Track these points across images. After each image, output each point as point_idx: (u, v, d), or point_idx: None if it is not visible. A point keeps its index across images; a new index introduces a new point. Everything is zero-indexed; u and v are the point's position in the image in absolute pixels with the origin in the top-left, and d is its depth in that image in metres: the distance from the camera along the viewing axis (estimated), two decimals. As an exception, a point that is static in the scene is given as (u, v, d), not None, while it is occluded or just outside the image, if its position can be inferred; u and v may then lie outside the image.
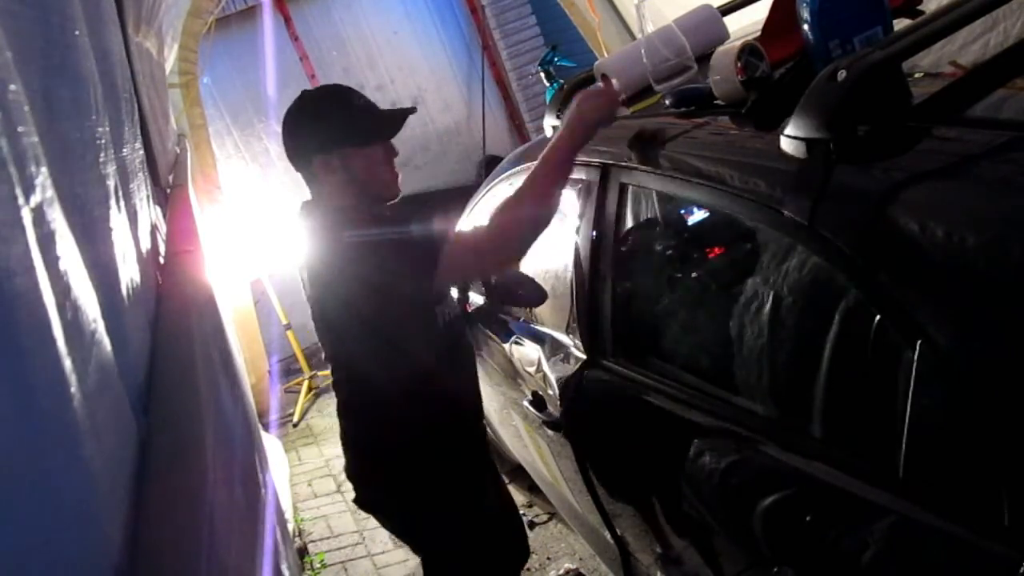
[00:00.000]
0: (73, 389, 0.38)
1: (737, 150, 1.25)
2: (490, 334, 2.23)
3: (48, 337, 0.37)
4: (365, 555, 2.94)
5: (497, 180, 2.18)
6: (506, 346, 2.08)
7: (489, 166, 5.11)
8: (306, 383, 4.59)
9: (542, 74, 2.61)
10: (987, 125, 0.97)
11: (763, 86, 1.27)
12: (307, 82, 5.75)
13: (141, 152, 1.18)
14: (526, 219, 1.44)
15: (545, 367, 1.80)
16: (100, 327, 0.49)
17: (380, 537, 2.99)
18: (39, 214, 0.41)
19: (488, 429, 2.72)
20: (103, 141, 0.71)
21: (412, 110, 1.65)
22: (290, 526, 2.99)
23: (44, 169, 0.45)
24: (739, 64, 1.27)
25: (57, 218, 0.45)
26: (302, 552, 3.00)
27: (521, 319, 2.03)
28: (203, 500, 0.46)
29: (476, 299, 2.36)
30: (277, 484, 1.75)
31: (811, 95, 1.01)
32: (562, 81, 2.23)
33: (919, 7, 1.37)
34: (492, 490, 1.84)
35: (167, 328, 0.80)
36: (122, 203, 0.76)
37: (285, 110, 1.61)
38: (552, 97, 1.92)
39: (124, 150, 0.91)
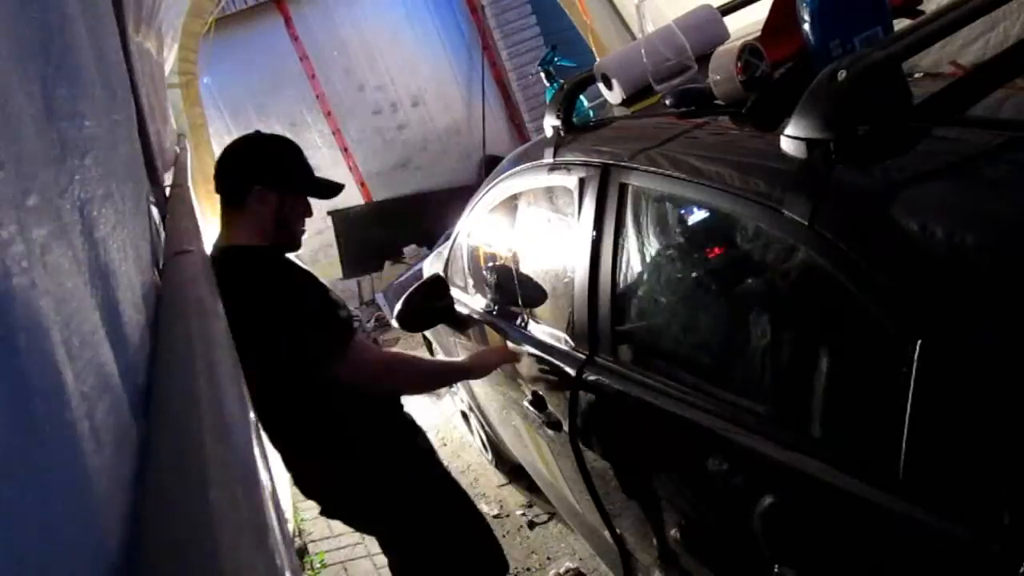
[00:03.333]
0: (73, 389, 0.38)
1: (737, 150, 1.25)
2: (491, 334, 2.23)
3: (47, 337, 0.37)
4: (365, 555, 2.94)
5: (497, 180, 2.18)
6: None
7: (489, 166, 5.11)
8: (306, 383, 4.57)
9: (542, 74, 2.61)
10: (987, 125, 0.97)
11: (763, 86, 1.27)
12: (307, 82, 5.75)
13: (140, 152, 1.17)
14: (409, 385, 1.98)
15: (545, 367, 1.80)
16: (100, 327, 0.49)
17: (380, 537, 2.99)
18: (39, 214, 0.41)
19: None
20: (102, 141, 0.71)
21: (341, 187, 1.89)
22: (290, 526, 2.99)
23: (43, 169, 0.45)
24: (739, 64, 1.27)
25: (57, 218, 0.45)
26: (302, 552, 3.00)
27: (521, 319, 2.03)
28: (203, 500, 0.46)
29: (467, 300, 2.37)
30: (277, 484, 1.76)
31: (811, 95, 1.01)
32: (562, 81, 2.23)
33: (919, 7, 1.37)
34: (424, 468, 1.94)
35: (167, 328, 0.80)
36: (121, 203, 0.76)
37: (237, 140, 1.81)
38: (552, 97, 1.92)
39: (123, 149, 0.91)
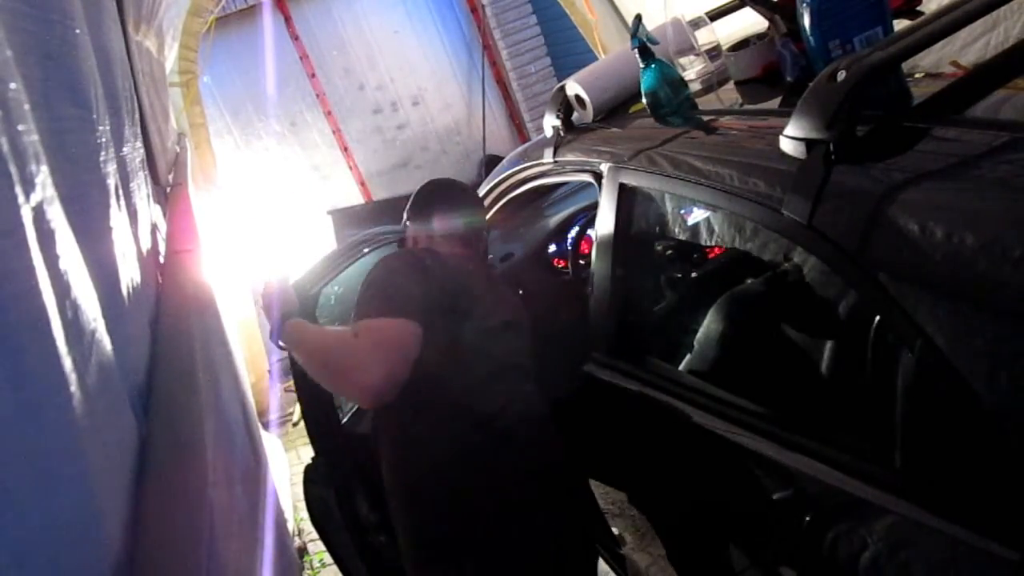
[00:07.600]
0: (73, 389, 0.38)
1: (737, 150, 1.25)
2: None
3: (48, 337, 0.37)
4: (365, 555, 2.93)
5: (497, 180, 2.18)
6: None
7: (489, 166, 5.11)
8: (306, 382, 4.56)
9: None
10: (987, 125, 0.97)
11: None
12: (307, 81, 5.75)
13: (141, 151, 1.17)
14: None
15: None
16: (100, 327, 0.49)
17: (380, 537, 2.98)
18: (39, 213, 0.41)
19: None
20: (103, 140, 0.71)
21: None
22: (290, 526, 2.99)
23: (44, 168, 0.45)
24: None
25: (57, 217, 0.45)
26: (302, 552, 3.00)
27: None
28: (203, 500, 0.46)
29: None
30: (277, 484, 1.75)
31: (811, 95, 1.01)
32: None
33: (919, 8, 1.37)
34: None
35: (167, 328, 0.80)
36: (122, 202, 0.75)
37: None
38: (552, 97, 1.92)
39: (124, 149, 0.90)
